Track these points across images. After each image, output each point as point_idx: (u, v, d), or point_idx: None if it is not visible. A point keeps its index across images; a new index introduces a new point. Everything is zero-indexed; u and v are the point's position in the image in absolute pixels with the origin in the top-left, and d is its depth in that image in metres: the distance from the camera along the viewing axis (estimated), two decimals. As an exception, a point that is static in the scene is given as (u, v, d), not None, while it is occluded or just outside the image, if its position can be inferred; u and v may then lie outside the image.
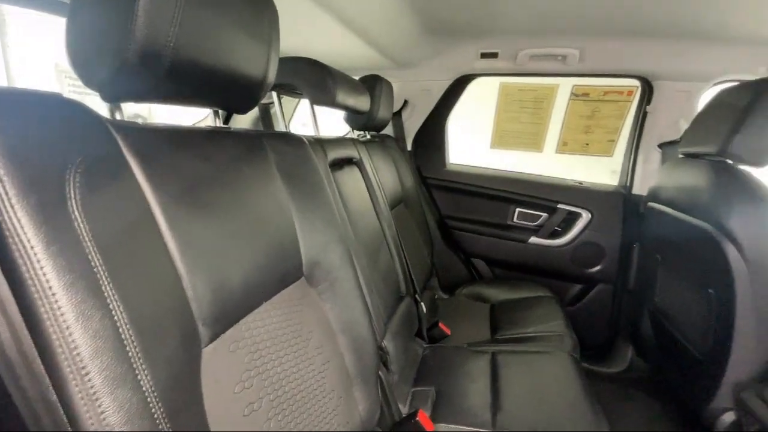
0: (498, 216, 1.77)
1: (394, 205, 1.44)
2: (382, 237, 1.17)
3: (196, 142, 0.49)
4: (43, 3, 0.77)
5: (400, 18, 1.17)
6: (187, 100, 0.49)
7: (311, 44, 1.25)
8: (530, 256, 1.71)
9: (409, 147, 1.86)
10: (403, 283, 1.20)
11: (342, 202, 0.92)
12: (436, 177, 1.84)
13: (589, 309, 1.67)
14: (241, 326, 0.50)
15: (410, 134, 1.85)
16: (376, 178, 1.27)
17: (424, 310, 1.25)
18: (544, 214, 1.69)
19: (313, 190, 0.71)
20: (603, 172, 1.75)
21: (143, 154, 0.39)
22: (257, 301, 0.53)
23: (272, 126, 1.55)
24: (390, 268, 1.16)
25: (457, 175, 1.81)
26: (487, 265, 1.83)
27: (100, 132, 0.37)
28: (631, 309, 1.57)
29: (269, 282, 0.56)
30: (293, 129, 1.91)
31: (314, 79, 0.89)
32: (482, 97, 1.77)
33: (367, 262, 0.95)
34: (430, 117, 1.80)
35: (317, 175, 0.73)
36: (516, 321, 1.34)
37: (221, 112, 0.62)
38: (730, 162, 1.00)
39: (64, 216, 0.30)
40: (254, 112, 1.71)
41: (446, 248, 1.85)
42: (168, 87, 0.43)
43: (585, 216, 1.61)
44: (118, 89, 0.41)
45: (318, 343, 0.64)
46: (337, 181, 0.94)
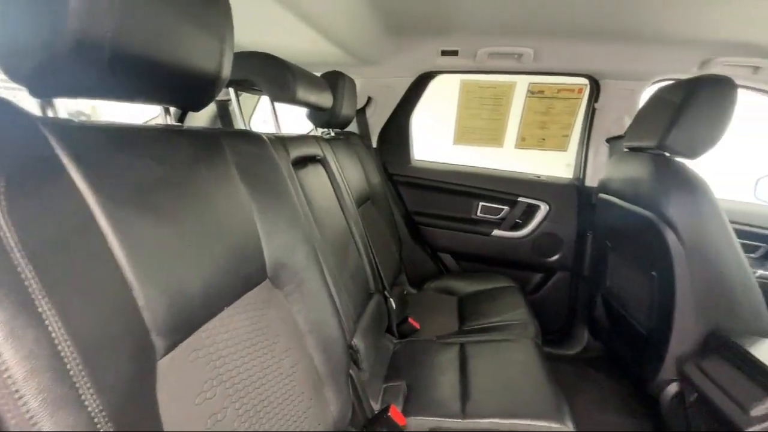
0: (462, 210, 1.82)
1: (361, 203, 1.44)
2: (350, 235, 1.16)
3: (143, 142, 0.46)
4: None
5: (360, 15, 1.16)
6: (132, 97, 0.46)
7: (269, 39, 1.21)
8: (494, 248, 1.77)
9: (375, 144, 1.86)
10: (372, 281, 1.20)
11: (306, 201, 0.90)
12: (402, 173, 1.85)
13: (549, 296, 1.76)
14: (202, 334, 0.48)
15: (375, 131, 1.85)
16: (342, 176, 1.26)
17: (394, 306, 1.26)
18: (505, 208, 1.75)
19: (276, 190, 0.69)
20: (559, 166, 1.85)
21: (81, 155, 0.36)
22: (218, 307, 0.51)
23: (231, 124, 1.49)
24: (358, 266, 1.16)
25: (422, 171, 1.84)
26: (454, 258, 1.88)
27: (30, 132, 0.33)
28: (586, 294, 1.67)
29: (231, 286, 0.54)
30: (254, 127, 1.84)
31: (273, 75, 0.86)
32: (446, 94, 1.80)
33: (334, 261, 0.94)
34: (394, 114, 1.81)
35: (279, 174, 0.71)
36: (482, 312, 1.39)
37: (174, 109, 0.58)
38: (668, 155, 1.08)
39: None
40: (211, 110, 1.63)
41: (414, 243, 1.88)
42: (108, 82, 0.40)
43: (543, 208, 1.69)
44: (49, 84, 0.38)
45: (286, 346, 0.63)
46: (300, 179, 0.92)
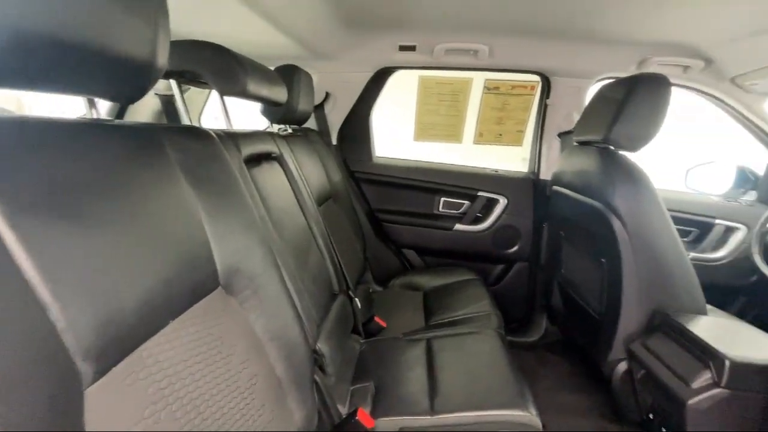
0: (425, 206, 1.83)
1: (322, 201, 1.40)
2: (310, 235, 1.12)
3: (61, 138, 0.40)
4: None
5: (315, 6, 1.12)
6: (45, 86, 0.40)
7: (216, 29, 1.13)
8: (456, 242, 1.80)
9: (335, 141, 1.82)
10: (336, 281, 1.17)
11: (262, 201, 0.85)
12: (364, 170, 1.83)
13: (509, 286, 1.82)
14: (141, 353, 0.43)
15: (334, 127, 1.81)
16: (300, 174, 1.21)
17: (359, 305, 1.24)
18: (466, 202, 1.79)
19: (226, 190, 0.64)
20: (516, 160, 1.91)
21: None
22: (161, 321, 0.46)
23: (179, 121, 1.39)
24: (321, 267, 1.12)
25: (384, 167, 1.83)
26: (418, 254, 1.89)
27: None
28: (543, 283, 1.75)
29: (176, 297, 0.49)
30: (205, 124, 1.73)
31: (220, 66, 0.79)
32: (406, 90, 1.80)
33: (294, 262, 0.90)
34: (353, 110, 1.78)
35: (230, 174, 0.66)
36: (447, 306, 1.41)
37: (110, 105, 0.52)
38: (613, 148, 1.15)
39: None
40: (156, 105, 1.51)
41: (378, 241, 1.86)
42: (12, 68, 0.34)
43: (502, 201, 1.75)
44: None
45: (243, 357, 0.59)
46: (254, 178, 0.87)
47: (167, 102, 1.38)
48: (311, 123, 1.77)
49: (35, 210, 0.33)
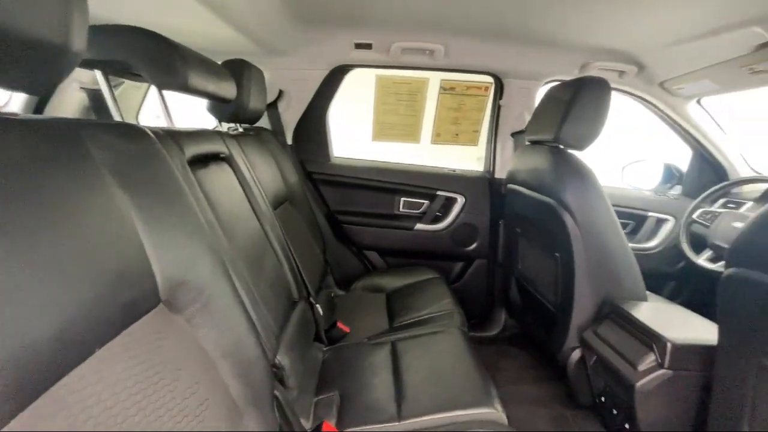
0: (385, 207, 1.81)
1: (278, 204, 1.33)
2: (266, 240, 1.05)
3: None
4: None
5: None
6: None
7: (152, 17, 1.03)
8: (417, 241, 1.81)
9: (290, 141, 1.75)
10: (295, 288, 1.11)
11: (209, 205, 0.78)
12: (321, 171, 1.77)
13: (469, 283, 1.86)
14: (61, 389, 0.36)
15: (289, 127, 1.74)
16: (253, 175, 1.14)
17: (321, 312, 1.19)
18: (426, 202, 1.80)
19: (166, 194, 0.57)
20: (472, 159, 1.96)
21: None
22: (86, 350, 0.39)
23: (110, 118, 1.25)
24: (278, 274, 1.06)
25: (342, 168, 1.79)
26: (379, 255, 1.87)
27: None
28: (502, 278, 1.80)
29: (105, 320, 0.42)
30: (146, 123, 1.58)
31: (156, 55, 0.70)
32: (364, 90, 1.77)
33: (248, 270, 0.84)
34: (309, 109, 1.72)
35: (170, 175, 0.59)
36: (410, 306, 1.40)
37: (27, 98, 0.43)
38: (562, 147, 1.21)
39: None
40: (81, 100, 1.34)
41: (338, 243, 1.82)
42: None
43: (460, 200, 1.78)
44: None
45: (191, 381, 0.52)
46: (200, 180, 0.79)
47: (96, 97, 1.23)
48: (264, 122, 1.68)
49: None
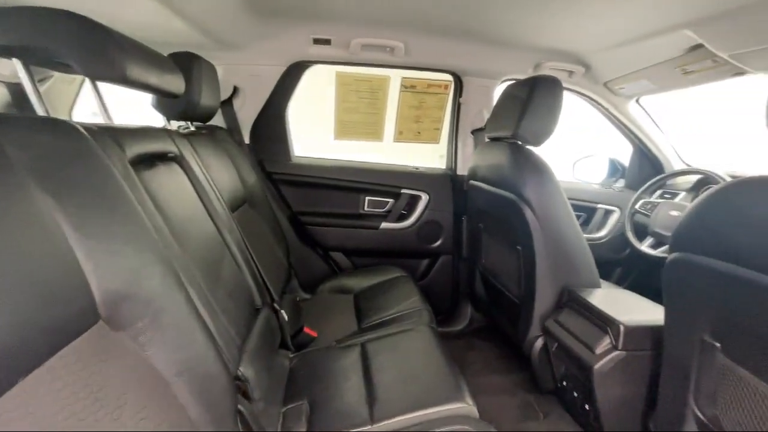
0: (350, 206, 1.78)
1: (237, 206, 1.26)
2: (223, 245, 0.99)
3: None
4: None
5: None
6: None
7: (90, 3, 0.92)
8: (383, 240, 1.80)
9: (247, 140, 1.67)
10: (258, 294, 1.06)
11: (157, 209, 0.71)
12: (282, 171, 1.71)
13: (436, 280, 1.88)
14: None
15: (246, 125, 1.66)
16: (207, 177, 1.06)
17: (286, 317, 1.14)
18: (390, 200, 1.79)
19: (103, 198, 0.50)
20: (434, 157, 1.98)
21: None
22: (7, 381, 0.34)
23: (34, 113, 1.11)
24: (238, 280, 1.00)
25: (304, 168, 1.73)
26: (345, 255, 1.84)
27: None
28: (466, 273, 1.84)
29: (31, 344, 0.36)
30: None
31: (87, 43, 0.62)
32: (325, 87, 1.73)
33: (204, 279, 0.78)
34: (266, 106, 1.64)
35: (108, 177, 0.52)
36: (378, 306, 1.38)
37: None
38: (521, 143, 1.25)
39: None
40: (4, 96, 1.19)
41: (302, 245, 1.76)
42: None
43: (424, 198, 1.79)
44: None
45: (139, 406, 0.47)
46: (145, 182, 0.72)
47: (18, 92, 1.09)
48: (218, 120, 1.59)
49: None
